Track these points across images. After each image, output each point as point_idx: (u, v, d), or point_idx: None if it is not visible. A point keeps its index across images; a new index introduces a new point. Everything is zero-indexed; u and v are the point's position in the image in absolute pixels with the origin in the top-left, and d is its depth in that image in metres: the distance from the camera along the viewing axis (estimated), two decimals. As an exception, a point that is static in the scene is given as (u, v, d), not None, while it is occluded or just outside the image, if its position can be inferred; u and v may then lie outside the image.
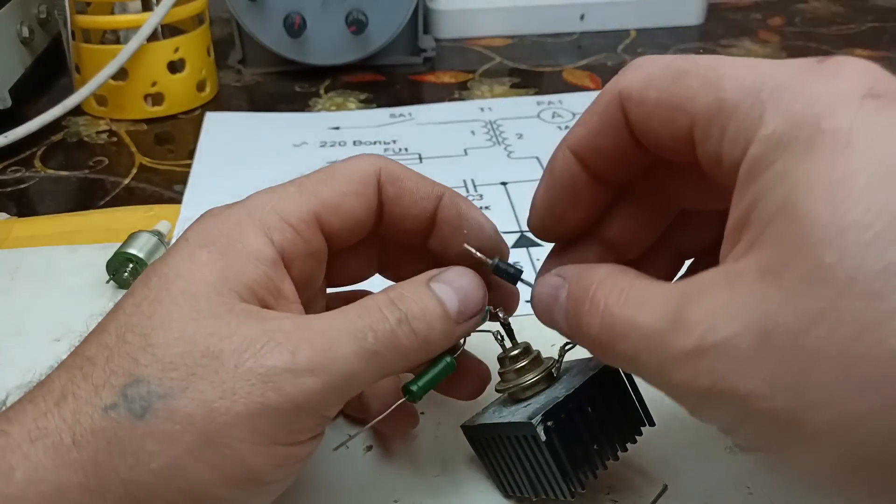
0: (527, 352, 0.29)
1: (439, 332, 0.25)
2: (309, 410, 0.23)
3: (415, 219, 0.28)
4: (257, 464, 0.23)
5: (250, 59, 0.72)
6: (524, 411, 0.28)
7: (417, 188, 0.28)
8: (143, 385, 0.22)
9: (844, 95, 0.19)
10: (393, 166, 0.28)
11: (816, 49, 0.78)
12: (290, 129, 0.62)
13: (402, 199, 0.28)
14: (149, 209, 0.51)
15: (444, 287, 0.26)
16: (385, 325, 0.24)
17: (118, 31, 0.63)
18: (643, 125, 0.24)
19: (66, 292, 0.43)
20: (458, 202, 0.29)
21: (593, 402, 0.27)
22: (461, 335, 0.27)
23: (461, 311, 0.26)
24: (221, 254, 0.25)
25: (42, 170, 0.57)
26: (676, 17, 0.83)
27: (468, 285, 0.26)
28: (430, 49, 0.75)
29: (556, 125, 0.62)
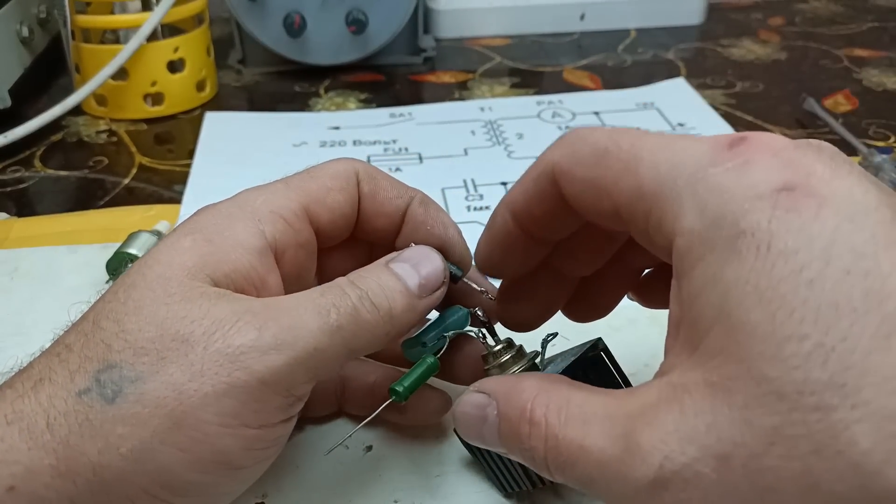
0: (509, 346, 0.29)
1: (401, 306, 0.26)
2: (276, 387, 0.23)
3: (388, 217, 0.29)
4: (226, 446, 0.23)
5: (250, 58, 0.72)
6: None
7: (392, 187, 0.29)
8: (116, 370, 0.23)
9: (759, 191, 0.19)
10: (369, 167, 0.29)
11: (817, 49, 0.78)
12: (290, 129, 0.62)
13: (377, 196, 0.29)
14: (148, 209, 0.51)
15: (403, 265, 0.27)
16: (347, 301, 0.25)
17: (118, 31, 0.63)
18: (575, 199, 0.24)
19: (66, 292, 0.43)
20: (428, 203, 0.30)
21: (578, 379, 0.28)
22: (426, 309, 0.27)
23: (422, 284, 0.27)
24: (206, 241, 0.25)
25: (42, 170, 0.57)
26: (676, 17, 0.83)
27: (426, 261, 0.27)
28: (430, 49, 0.75)
29: (556, 125, 0.62)
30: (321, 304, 0.25)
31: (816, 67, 0.74)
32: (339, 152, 0.58)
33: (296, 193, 0.28)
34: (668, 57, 0.76)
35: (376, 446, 0.33)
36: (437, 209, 0.30)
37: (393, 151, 0.58)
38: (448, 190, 0.53)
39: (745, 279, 0.18)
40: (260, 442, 0.24)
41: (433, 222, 0.29)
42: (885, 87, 0.69)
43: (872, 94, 0.68)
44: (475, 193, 0.52)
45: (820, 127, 0.60)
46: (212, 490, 0.24)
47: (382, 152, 0.58)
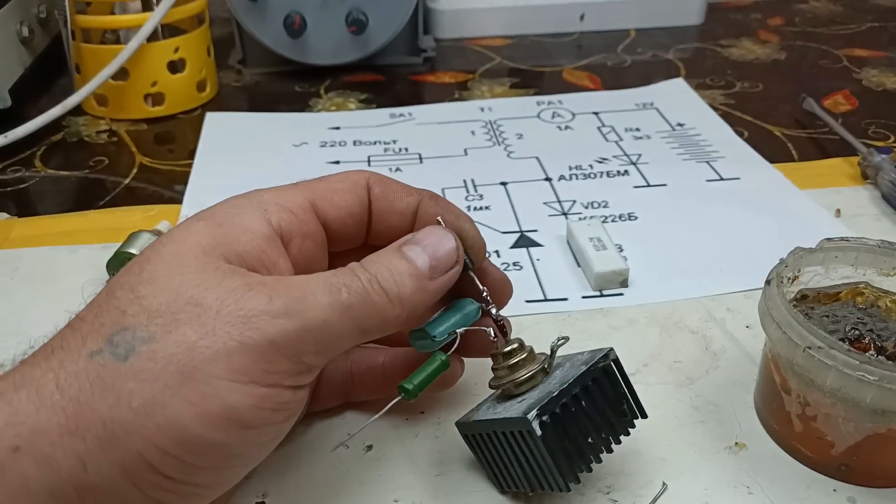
0: (520, 348, 0.29)
1: (411, 289, 0.27)
2: (285, 350, 0.24)
3: (400, 214, 0.30)
4: (235, 401, 0.23)
5: (250, 59, 0.72)
6: (518, 406, 0.28)
7: (402, 187, 0.30)
8: (129, 332, 0.23)
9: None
10: (380, 175, 0.31)
11: (816, 49, 0.78)
12: (290, 129, 0.62)
13: (388, 196, 0.30)
14: (149, 209, 0.51)
15: (414, 247, 0.28)
16: (357, 283, 0.26)
17: (118, 31, 0.63)
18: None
19: (65, 292, 0.43)
20: (438, 199, 0.31)
21: (587, 395, 0.28)
22: (438, 289, 0.28)
23: (433, 266, 0.28)
24: (217, 225, 0.26)
25: (42, 170, 0.57)
26: (676, 17, 0.83)
27: (437, 241, 0.28)
28: (430, 49, 0.75)
29: (555, 125, 0.62)
30: (332, 282, 0.26)
31: (816, 67, 0.74)
32: (339, 152, 0.58)
33: (301, 190, 0.29)
34: (667, 57, 0.76)
35: (376, 446, 0.33)
36: (447, 203, 0.31)
37: (393, 152, 0.58)
38: (448, 190, 0.53)
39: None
40: (269, 401, 0.24)
41: (444, 213, 0.30)
42: (885, 87, 0.69)
43: (872, 93, 0.68)
44: (475, 193, 0.52)
45: (819, 127, 0.61)
46: (222, 450, 0.24)
47: (382, 152, 0.58)
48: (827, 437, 0.30)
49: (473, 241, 0.30)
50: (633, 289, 0.42)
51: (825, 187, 0.52)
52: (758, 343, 0.37)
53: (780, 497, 0.30)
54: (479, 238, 0.31)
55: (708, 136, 0.60)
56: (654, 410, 0.33)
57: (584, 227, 0.45)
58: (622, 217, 0.49)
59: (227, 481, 0.26)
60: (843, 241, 0.34)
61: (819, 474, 0.31)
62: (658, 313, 0.41)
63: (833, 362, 0.28)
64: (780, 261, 0.33)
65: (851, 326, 0.32)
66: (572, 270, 0.44)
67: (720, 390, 0.36)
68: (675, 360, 0.37)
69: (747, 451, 0.33)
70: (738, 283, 0.42)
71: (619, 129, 0.61)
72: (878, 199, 0.51)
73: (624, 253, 0.45)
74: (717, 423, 0.34)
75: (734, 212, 0.49)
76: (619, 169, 0.55)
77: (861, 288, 0.34)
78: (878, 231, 0.47)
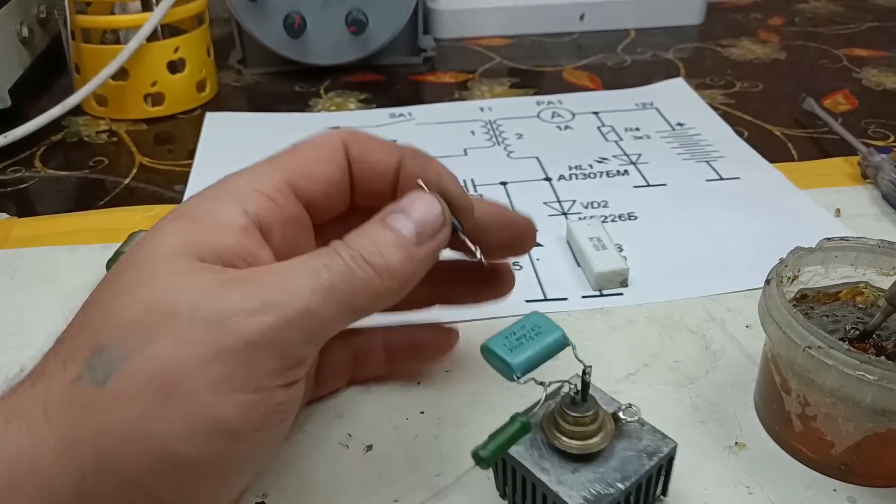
0: (595, 416, 0.28)
1: (398, 259, 0.25)
2: (267, 349, 0.23)
3: (381, 177, 0.29)
4: (221, 413, 0.22)
5: (250, 59, 0.72)
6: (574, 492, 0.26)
7: (380, 146, 0.29)
8: (105, 353, 0.22)
9: None
10: (356, 132, 0.29)
11: (816, 49, 0.78)
12: (290, 129, 0.62)
13: (367, 158, 0.29)
14: (149, 209, 0.51)
15: (397, 215, 0.26)
16: (338, 261, 0.24)
17: (118, 31, 0.63)
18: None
19: (65, 292, 0.43)
20: (420, 156, 0.29)
21: (639, 489, 0.27)
22: (429, 255, 0.27)
23: (419, 232, 0.26)
24: (190, 222, 0.25)
25: (42, 170, 0.57)
26: (676, 17, 0.83)
27: (420, 205, 0.27)
28: (430, 49, 0.75)
29: (555, 125, 0.62)
30: (311, 264, 0.24)
31: (816, 67, 0.74)
32: (338, 152, 0.58)
33: (278, 170, 0.27)
34: (667, 57, 0.76)
35: (376, 446, 0.33)
36: (429, 160, 0.29)
37: (393, 151, 0.58)
38: (448, 190, 0.53)
39: None
40: (259, 407, 0.23)
41: (426, 173, 0.28)
42: (885, 87, 0.69)
43: (872, 93, 0.68)
44: (475, 193, 0.52)
45: (819, 127, 0.61)
46: (216, 466, 0.23)
47: (382, 152, 0.58)
48: (827, 437, 0.30)
49: (459, 200, 0.29)
50: (632, 288, 0.42)
51: (825, 187, 0.52)
52: (758, 343, 0.37)
53: (780, 497, 0.30)
54: (465, 197, 0.29)
55: (708, 135, 0.60)
56: (654, 411, 0.33)
57: (584, 227, 0.45)
58: (622, 217, 0.49)
59: (230, 492, 0.25)
60: (842, 241, 0.34)
61: (819, 474, 0.31)
62: (658, 313, 0.41)
63: (833, 362, 0.28)
64: (779, 260, 0.33)
65: (851, 326, 0.32)
66: (572, 270, 0.44)
67: (720, 390, 0.36)
68: (674, 360, 0.37)
69: (747, 451, 0.33)
70: (738, 283, 0.42)
71: (618, 129, 0.61)
72: (878, 199, 0.51)
73: (624, 253, 0.45)
74: (716, 423, 0.34)
75: (734, 212, 0.49)
76: (618, 169, 0.55)
77: (861, 288, 0.34)
78: (878, 231, 0.47)
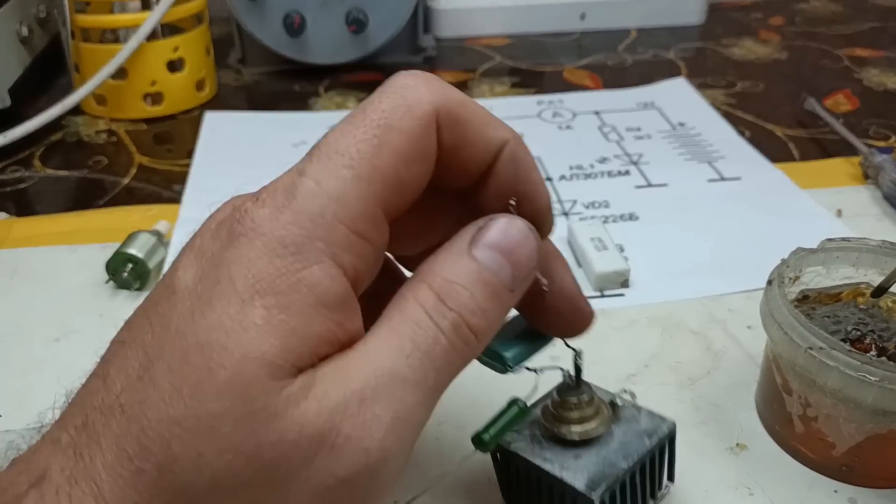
0: (591, 400, 0.28)
1: (495, 316, 0.21)
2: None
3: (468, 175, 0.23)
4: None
5: (250, 58, 0.72)
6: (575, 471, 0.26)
7: (482, 129, 0.22)
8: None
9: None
10: (455, 105, 0.22)
11: (817, 49, 0.78)
12: (289, 128, 0.62)
13: (459, 151, 0.22)
14: (148, 209, 0.51)
15: (491, 253, 0.21)
16: (441, 341, 0.20)
17: (117, 31, 0.63)
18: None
19: (65, 292, 0.43)
20: (519, 160, 0.23)
21: (643, 470, 0.28)
22: (516, 301, 0.23)
23: (515, 276, 0.22)
24: (282, 309, 0.19)
25: (41, 169, 0.57)
26: (677, 17, 0.83)
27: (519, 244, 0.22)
28: (431, 48, 0.75)
29: (556, 125, 0.62)
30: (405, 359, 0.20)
31: (817, 67, 0.74)
32: (338, 152, 0.58)
33: (369, 187, 0.20)
34: (668, 57, 0.76)
35: (376, 447, 0.33)
36: (531, 166, 0.24)
37: (393, 151, 0.58)
38: (448, 190, 0.53)
39: None
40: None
41: (524, 186, 0.23)
42: (886, 87, 0.69)
43: (873, 93, 0.67)
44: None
45: (820, 127, 0.60)
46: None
47: (382, 152, 0.58)
48: (828, 438, 0.30)
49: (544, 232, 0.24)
50: (633, 289, 0.42)
51: (826, 187, 0.52)
52: (759, 343, 0.36)
53: (782, 498, 0.30)
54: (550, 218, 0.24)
55: (709, 135, 0.60)
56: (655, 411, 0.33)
57: (585, 228, 0.45)
58: (623, 217, 0.49)
59: None
60: (844, 242, 0.34)
61: (820, 475, 0.31)
62: (659, 314, 0.41)
63: (834, 363, 0.28)
64: (781, 261, 0.33)
65: (853, 327, 0.32)
66: (572, 271, 0.44)
67: (721, 391, 0.36)
68: (676, 361, 0.37)
69: (748, 451, 0.32)
70: (740, 284, 0.42)
71: (619, 129, 0.61)
72: (880, 199, 0.51)
73: (625, 253, 0.45)
74: (718, 424, 0.34)
75: (735, 212, 0.49)
76: (620, 169, 0.55)
77: (862, 288, 0.34)
78: (880, 231, 0.47)
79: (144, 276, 0.42)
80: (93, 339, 0.25)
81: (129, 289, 0.42)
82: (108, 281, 0.43)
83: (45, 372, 0.37)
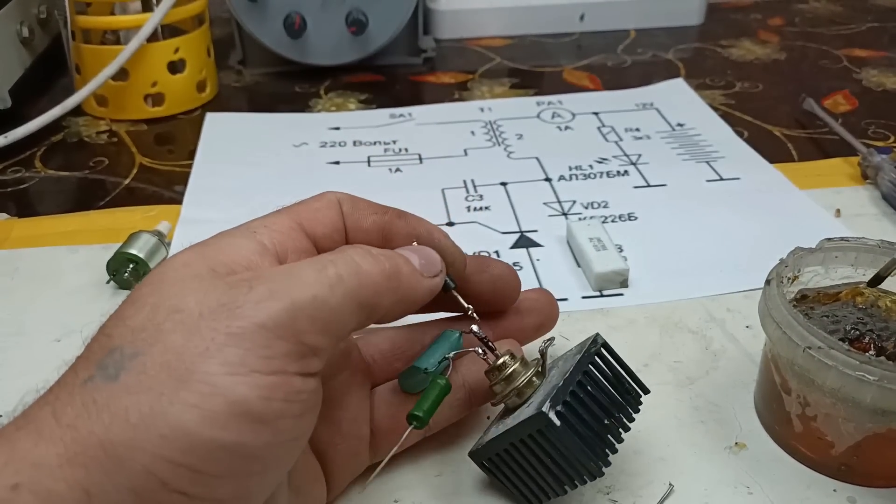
0: (512, 357, 0.30)
1: (407, 270, 0.27)
2: (278, 332, 0.23)
3: (365, 232, 0.30)
4: (239, 394, 0.22)
5: (250, 59, 0.72)
6: (528, 409, 0.28)
7: (368, 205, 0.30)
8: (116, 352, 0.23)
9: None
10: (350, 195, 0.30)
11: (816, 49, 0.78)
12: (290, 129, 0.62)
13: (354, 214, 0.30)
14: (149, 209, 0.51)
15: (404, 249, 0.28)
16: (346, 256, 0.25)
17: (118, 32, 0.63)
18: None
19: (66, 292, 0.43)
20: (407, 217, 0.30)
21: (590, 380, 0.28)
22: (427, 290, 0.28)
23: (423, 263, 0.28)
24: (202, 246, 0.26)
25: (42, 170, 0.57)
26: (676, 18, 0.83)
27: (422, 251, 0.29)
28: (430, 49, 0.75)
29: (555, 125, 0.62)
30: (318, 259, 0.25)
31: (816, 67, 0.74)
32: (339, 153, 0.58)
33: (287, 213, 0.28)
34: (667, 57, 0.76)
35: (376, 446, 0.33)
36: (417, 219, 0.30)
37: (393, 152, 0.58)
38: (448, 190, 0.53)
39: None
40: (278, 390, 0.23)
41: (415, 230, 0.30)
42: (885, 87, 0.69)
43: (872, 94, 0.68)
44: (475, 194, 0.52)
45: (819, 127, 0.61)
46: (237, 451, 0.22)
47: (382, 153, 0.58)
48: (827, 438, 0.30)
49: (452, 256, 0.30)
50: (633, 289, 0.42)
51: (825, 187, 0.52)
52: (758, 343, 0.37)
53: (781, 497, 0.30)
54: (457, 252, 0.30)
55: (708, 136, 0.60)
56: (654, 411, 0.34)
57: (584, 228, 0.45)
58: (622, 217, 0.49)
59: (251, 495, 0.24)
60: (842, 241, 0.34)
61: (819, 474, 0.31)
62: (658, 313, 0.41)
63: (833, 362, 0.28)
64: (780, 261, 0.33)
65: (851, 326, 0.32)
66: (572, 271, 0.44)
67: (720, 390, 0.36)
68: (675, 361, 0.37)
69: (747, 451, 0.33)
70: (738, 283, 0.42)
71: (619, 130, 0.61)
72: (878, 199, 0.51)
73: (624, 253, 0.45)
74: (717, 424, 0.34)
75: (734, 212, 0.49)
76: (619, 169, 0.55)
77: (861, 288, 0.34)
78: (878, 231, 0.47)
79: (145, 276, 0.42)
80: (95, 338, 0.25)
81: (130, 289, 0.43)
82: (109, 281, 0.43)
83: (46, 372, 0.37)
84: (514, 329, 0.34)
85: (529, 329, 0.35)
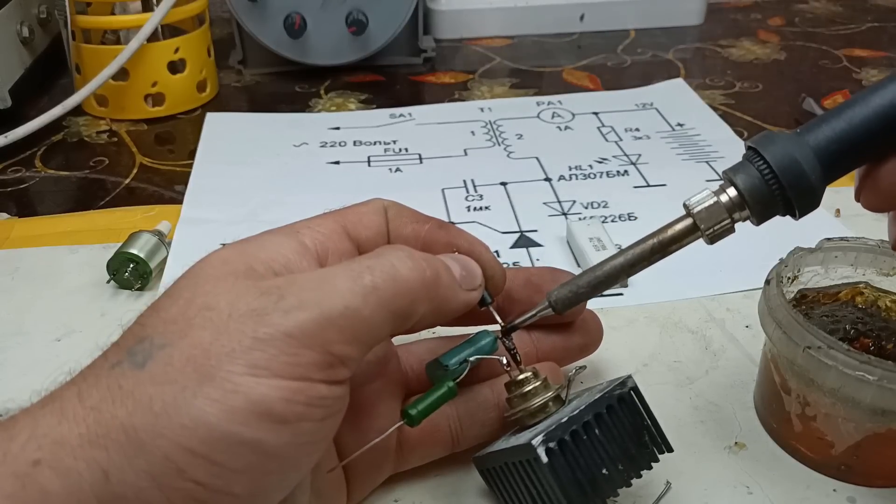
0: (535, 376, 0.29)
1: (446, 279, 0.27)
2: (305, 341, 0.23)
3: (405, 240, 0.30)
4: (260, 395, 0.22)
5: (250, 59, 0.73)
6: (527, 436, 0.27)
7: (412, 213, 0.30)
8: (147, 341, 0.23)
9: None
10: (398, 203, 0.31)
11: (816, 49, 0.78)
12: (290, 129, 0.62)
13: (396, 220, 0.30)
14: (149, 209, 0.51)
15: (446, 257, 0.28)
16: (383, 261, 0.25)
17: (118, 32, 0.63)
18: None
19: (66, 292, 0.43)
20: (448, 227, 0.30)
21: (601, 423, 0.27)
22: (463, 302, 0.28)
23: (463, 275, 0.28)
24: (243, 243, 0.26)
25: (42, 170, 0.57)
26: (676, 18, 0.83)
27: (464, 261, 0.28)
28: (430, 49, 0.75)
29: (555, 125, 0.62)
30: (353, 267, 0.25)
31: (816, 67, 0.74)
32: (339, 153, 0.58)
33: (332, 216, 0.29)
34: (667, 57, 0.76)
35: (376, 446, 0.33)
36: (458, 230, 0.30)
37: (393, 152, 0.58)
38: (448, 190, 0.53)
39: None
40: (300, 395, 0.23)
41: (456, 240, 0.30)
42: (885, 88, 0.69)
43: (872, 94, 0.67)
44: (475, 194, 0.52)
45: (819, 127, 0.60)
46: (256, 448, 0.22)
47: (382, 153, 0.58)
48: (827, 437, 0.31)
49: (493, 270, 0.30)
50: (632, 289, 0.42)
51: (825, 187, 0.52)
52: (757, 343, 0.37)
53: (780, 497, 0.30)
54: (497, 267, 0.30)
55: (707, 136, 0.60)
56: (654, 410, 0.33)
57: (584, 228, 0.45)
58: (622, 217, 0.49)
59: (267, 493, 0.24)
60: (842, 241, 0.34)
61: (819, 474, 0.31)
62: (658, 313, 0.41)
63: (833, 362, 0.28)
64: (779, 261, 0.33)
65: (851, 326, 0.32)
66: (572, 270, 0.44)
67: (720, 390, 0.36)
68: (674, 360, 0.37)
69: (747, 451, 0.33)
70: (738, 283, 0.42)
71: (618, 130, 0.61)
72: (878, 200, 0.51)
73: (624, 253, 0.45)
74: (716, 423, 0.34)
75: (734, 212, 0.49)
76: (618, 169, 0.55)
77: (861, 288, 0.34)
78: (878, 231, 0.47)
79: (146, 275, 0.42)
80: (94, 338, 0.25)
81: (130, 289, 0.43)
82: (109, 281, 0.43)
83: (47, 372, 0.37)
84: (560, 347, 0.34)
85: (574, 348, 0.34)
